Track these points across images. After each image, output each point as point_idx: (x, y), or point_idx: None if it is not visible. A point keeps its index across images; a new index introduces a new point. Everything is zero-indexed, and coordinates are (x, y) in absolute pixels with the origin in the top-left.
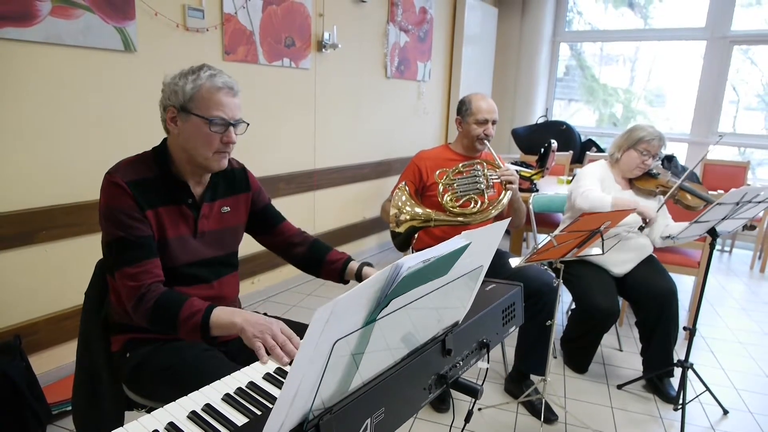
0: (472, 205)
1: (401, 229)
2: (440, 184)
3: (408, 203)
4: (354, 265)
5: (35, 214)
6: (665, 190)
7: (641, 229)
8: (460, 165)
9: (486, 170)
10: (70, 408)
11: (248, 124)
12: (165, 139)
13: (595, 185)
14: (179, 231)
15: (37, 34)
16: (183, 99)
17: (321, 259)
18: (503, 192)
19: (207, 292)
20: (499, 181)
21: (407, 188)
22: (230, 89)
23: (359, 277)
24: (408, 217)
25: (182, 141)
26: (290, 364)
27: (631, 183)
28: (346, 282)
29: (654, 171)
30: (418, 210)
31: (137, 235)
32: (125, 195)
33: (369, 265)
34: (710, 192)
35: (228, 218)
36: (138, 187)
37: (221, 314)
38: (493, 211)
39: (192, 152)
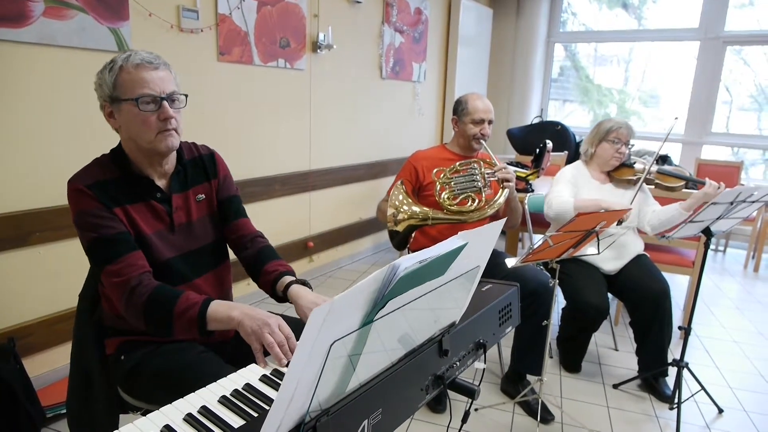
0: (469, 203)
1: (400, 228)
2: (437, 183)
3: (405, 202)
4: (285, 280)
5: (29, 215)
6: (642, 176)
7: (619, 223)
8: (457, 164)
9: (483, 169)
10: (64, 411)
11: (186, 96)
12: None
13: (566, 190)
14: (156, 227)
15: (31, 34)
16: (108, 90)
17: (260, 267)
18: (500, 191)
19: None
20: (496, 179)
21: (404, 187)
22: (149, 63)
23: (286, 295)
24: (406, 216)
25: (125, 132)
26: (287, 365)
27: (610, 176)
28: (280, 299)
29: (629, 161)
30: (416, 208)
31: (110, 233)
32: (88, 197)
33: (304, 283)
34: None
35: (204, 206)
36: (99, 188)
37: (218, 307)
38: (489, 210)
39: (136, 140)
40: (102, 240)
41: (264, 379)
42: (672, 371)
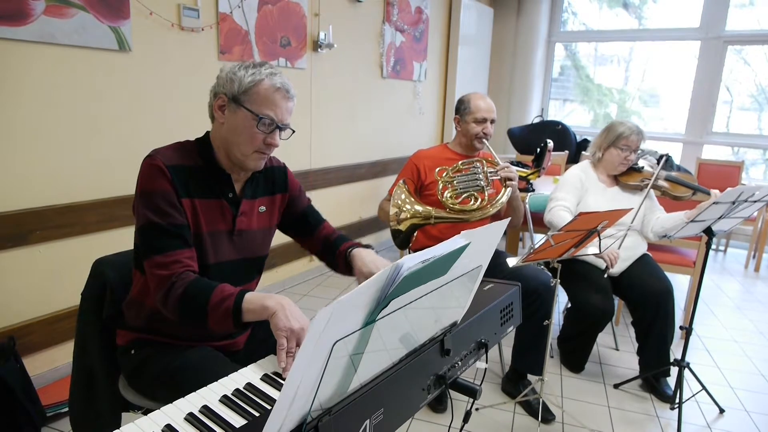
0: (472, 202)
1: (402, 227)
2: (440, 182)
3: (408, 201)
4: (347, 250)
5: (29, 214)
6: (650, 182)
7: (605, 271)
8: (459, 163)
9: (486, 167)
10: (65, 410)
11: (294, 131)
12: (207, 132)
13: (572, 195)
14: (216, 226)
15: (31, 33)
16: (237, 90)
17: (335, 253)
18: (503, 189)
19: None
20: (498, 178)
21: (406, 186)
22: (287, 92)
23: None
24: (409, 215)
25: (225, 131)
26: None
27: (617, 179)
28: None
29: (638, 165)
30: (418, 207)
31: (171, 223)
32: (164, 178)
33: (367, 246)
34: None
35: (263, 219)
36: (178, 172)
37: (253, 298)
38: (491, 209)
39: (232, 146)
40: (160, 228)
41: (265, 378)
42: (673, 371)
